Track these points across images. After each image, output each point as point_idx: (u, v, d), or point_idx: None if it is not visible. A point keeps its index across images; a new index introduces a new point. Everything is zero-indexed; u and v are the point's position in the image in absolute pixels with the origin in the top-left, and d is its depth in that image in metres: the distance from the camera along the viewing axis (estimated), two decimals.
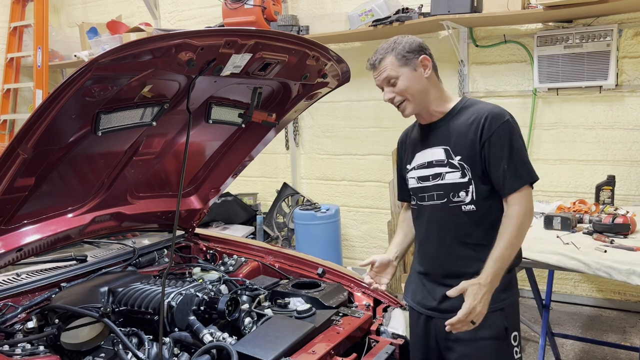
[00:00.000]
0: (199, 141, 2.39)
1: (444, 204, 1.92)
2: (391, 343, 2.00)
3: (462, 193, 1.89)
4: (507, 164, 1.83)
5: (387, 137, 4.93)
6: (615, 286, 4.26)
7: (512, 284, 1.95)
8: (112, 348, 1.76)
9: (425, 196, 1.97)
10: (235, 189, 5.42)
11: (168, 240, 2.64)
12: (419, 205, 2.02)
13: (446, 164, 1.91)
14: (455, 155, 1.89)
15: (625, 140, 4.06)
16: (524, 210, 1.83)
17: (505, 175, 1.83)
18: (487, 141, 1.84)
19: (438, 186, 1.93)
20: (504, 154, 1.83)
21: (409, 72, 1.87)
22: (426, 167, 1.96)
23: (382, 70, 1.88)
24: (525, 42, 4.27)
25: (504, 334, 1.89)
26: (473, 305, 1.72)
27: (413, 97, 1.88)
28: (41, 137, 1.59)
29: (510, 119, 1.87)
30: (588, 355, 3.55)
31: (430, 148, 1.95)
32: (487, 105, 1.92)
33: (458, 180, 1.89)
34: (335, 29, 4.58)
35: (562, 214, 3.05)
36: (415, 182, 2.00)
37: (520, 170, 1.84)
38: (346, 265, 4.46)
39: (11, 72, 6.11)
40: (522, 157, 1.86)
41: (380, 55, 1.89)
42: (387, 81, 1.89)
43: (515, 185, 1.84)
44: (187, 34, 1.61)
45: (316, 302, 2.10)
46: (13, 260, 1.97)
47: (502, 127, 1.84)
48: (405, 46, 1.88)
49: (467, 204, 1.88)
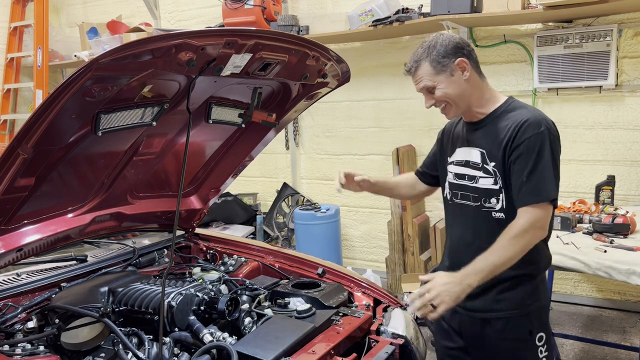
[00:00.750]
0: (199, 141, 2.39)
1: (477, 207, 1.91)
2: (391, 343, 2.00)
3: (493, 200, 1.86)
4: (527, 176, 1.75)
5: (387, 137, 4.94)
6: (615, 286, 4.26)
7: (539, 290, 1.93)
8: (112, 348, 1.75)
9: (459, 194, 1.96)
10: (235, 189, 5.42)
11: (168, 240, 2.64)
12: (453, 201, 2.00)
13: (480, 168, 1.88)
14: (490, 160, 1.86)
15: (625, 140, 4.06)
16: (526, 226, 1.74)
17: (522, 187, 1.77)
18: (515, 149, 1.78)
19: (473, 188, 1.91)
20: (528, 165, 1.76)
21: (446, 78, 1.83)
22: (463, 165, 1.94)
23: (418, 80, 1.86)
24: (525, 42, 4.27)
25: (527, 336, 1.89)
26: (432, 286, 1.71)
27: (454, 102, 1.86)
28: (41, 137, 1.58)
29: (546, 130, 1.78)
30: (588, 355, 3.55)
31: (470, 147, 1.93)
32: (528, 112, 1.85)
33: (490, 186, 1.86)
34: (335, 29, 4.58)
35: (562, 214, 3.05)
36: (453, 177, 1.99)
37: (540, 186, 1.75)
38: (346, 265, 4.46)
39: (11, 72, 6.11)
40: (545, 172, 1.76)
41: (415, 63, 1.84)
42: (426, 90, 1.87)
43: (529, 199, 1.76)
44: (187, 34, 1.61)
45: (316, 302, 2.10)
46: (13, 260, 1.96)
47: (535, 137, 1.77)
48: (440, 50, 1.82)
49: (497, 212, 1.86)
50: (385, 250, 4.98)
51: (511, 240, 1.74)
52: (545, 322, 1.96)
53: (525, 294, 1.86)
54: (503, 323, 1.88)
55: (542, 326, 1.93)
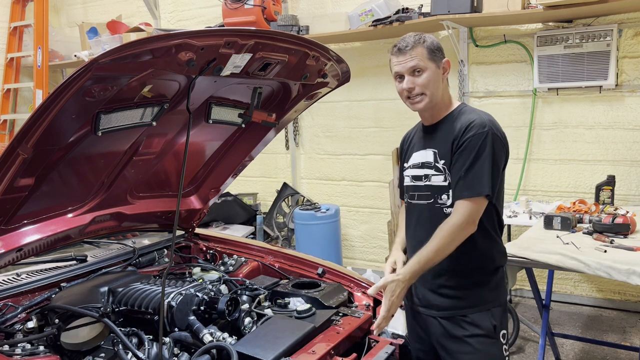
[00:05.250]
0: (199, 141, 2.39)
1: (430, 204, 1.98)
2: (391, 343, 2.00)
3: (444, 196, 1.94)
4: (465, 171, 1.84)
5: (387, 137, 4.94)
6: (615, 286, 4.26)
7: (499, 285, 2.00)
8: (112, 348, 1.75)
9: (416, 195, 2.04)
10: (235, 189, 5.42)
11: (168, 240, 2.64)
12: (409, 203, 2.08)
13: (433, 166, 1.96)
14: (440, 159, 1.94)
15: (625, 140, 4.07)
16: (461, 222, 1.83)
17: (459, 181, 1.86)
18: (459, 147, 1.87)
19: (426, 187, 1.99)
20: (467, 161, 1.84)
21: (435, 68, 1.89)
22: (419, 167, 2.02)
23: (410, 58, 1.87)
24: (525, 42, 4.27)
25: (493, 332, 1.94)
26: (392, 302, 1.81)
27: (431, 94, 1.90)
28: (41, 137, 1.58)
29: (489, 130, 1.85)
30: (588, 355, 3.55)
31: (425, 150, 2.01)
32: (476, 115, 1.92)
33: (441, 183, 1.94)
34: (335, 29, 4.58)
35: (562, 214, 3.05)
36: (409, 180, 2.06)
37: (476, 181, 1.83)
38: (346, 265, 4.47)
39: (11, 72, 6.11)
40: (483, 169, 1.83)
41: (411, 43, 1.87)
42: (413, 70, 1.88)
43: (464, 193, 1.85)
44: (187, 34, 1.61)
45: (316, 302, 2.10)
46: (13, 260, 1.96)
47: (477, 135, 1.84)
48: (434, 43, 1.90)
49: (448, 207, 1.93)
50: (385, 250, 4.98)
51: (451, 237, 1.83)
52: (506, 320, 2.02)
53: (485, 291, 1.94)
54: (468, 321, 1.92)
55: (504, 323, 2.00)
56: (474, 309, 1.93)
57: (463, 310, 1.93)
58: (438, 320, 1.97)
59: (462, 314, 1.93)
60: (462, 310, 1.93)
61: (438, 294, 1.97)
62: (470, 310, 1.92)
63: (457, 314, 1.94)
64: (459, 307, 1.94)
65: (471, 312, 1.92)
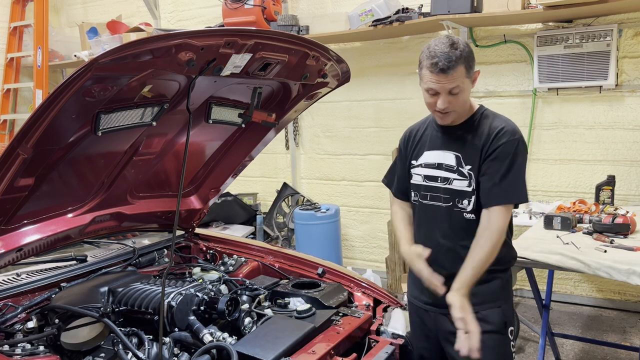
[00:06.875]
0: (199, 141, 2.39)
1: (448, 207, 1.96)
2: (391, 343, 2.00)
3: (465, 201, 1.93)
4: (500, 178, 1.85)
5: (387, 137, 4.93)
6: (615, 286, 4.26)
7: (509, 283, 2.04)
8: (112, 348, 1.76)
9: (428, 195, 2.00)
10: (235, 189, 5.42)
11: (168, 240, 2.64)
12: (419, 203, 2.04)
13: (455, 170, 1.94)
14: (465, 164, 1.92)
15: (625, 140, 4.06)
16: (502, 227, 1.87)
17: (493, 187, 1.86)
18: (491, 153, 1.87)
19: (445, 190, 1.96)
20: (502, 168, 1.85)
21: (469, 83, 1.87)
22: (435, 168, 1.99)
23: (451, 80, 1.79)
24: (525, 42, 4.27)
25: (503, 328, 1.96)
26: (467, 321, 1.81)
27: (461, 109, 1.90)
28: (41, 137, 1.59)
29: (520, 138, 1.89)
30: (588, 355, 3.55)
31: (443, 151, 1.98)
32: (502, 121, 1.93)
33: (464, 188, 1.92)
34: (335, 29, 4.58)
35: (562, 214, 3.05)
36: (421, 179, 2.02)
37: (513, 188, 1.86)
38: (346, 265, 4.47)
39: (11, 72, 6.10)
40: (517, 176, 1.87)
41: (453, 62, 1.77)
42: (450, 90, 1.82)
43: (502, 199, 1.86)
44: (187, 34, 1.61)
45: (316, 302, 2.10)
46: (13, 260, 1.97)
47: (510, 142, 1.86)
48: (471, 54, 1.84)
49: (469, 212, 1.93)
50: (385, 250, 4.98)
51: (497, 242, 1.86)
52: (513, 316, 2.05)
53: (498, 287, 1.96)
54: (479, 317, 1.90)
55: (512, 319, 2.02)
56: (486, 305, 1.93)
57: (475, 307, 1.90)
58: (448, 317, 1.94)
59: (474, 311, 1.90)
60: (474, 307, 1.90)
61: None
62: (482, 307, 1.92)
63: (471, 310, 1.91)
64: (471, 303, 1.90)
65: (483, 309, 1.92)
